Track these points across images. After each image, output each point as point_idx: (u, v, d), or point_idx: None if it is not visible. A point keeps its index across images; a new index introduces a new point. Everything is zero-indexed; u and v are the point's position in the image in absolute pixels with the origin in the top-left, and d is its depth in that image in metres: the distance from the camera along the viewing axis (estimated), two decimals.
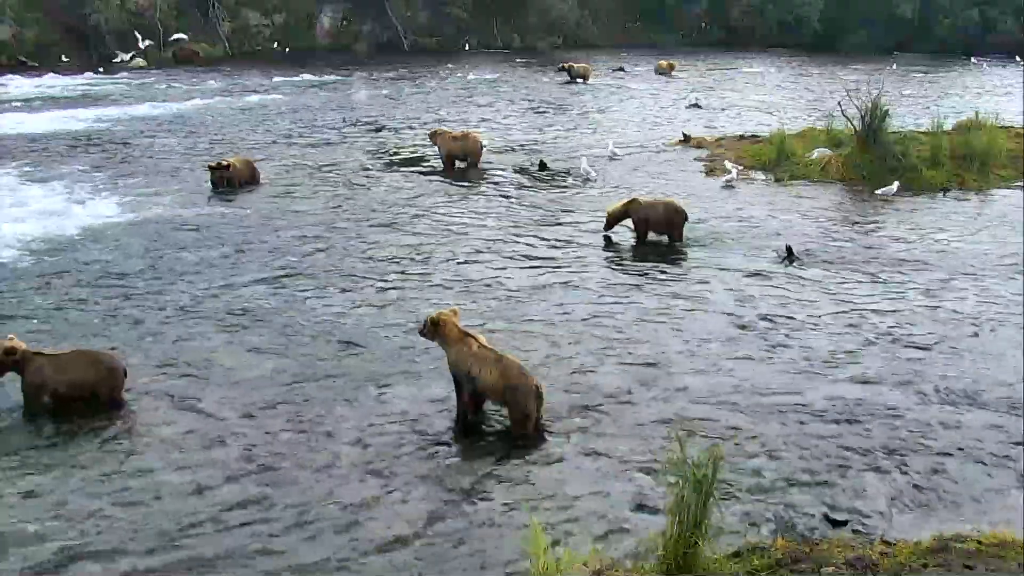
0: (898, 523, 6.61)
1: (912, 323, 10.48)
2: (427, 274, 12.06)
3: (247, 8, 45.80)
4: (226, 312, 10.65)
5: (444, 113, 26.58)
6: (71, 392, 8.17)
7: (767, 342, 9.91)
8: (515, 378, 7.81)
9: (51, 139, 21.44)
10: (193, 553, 6.21)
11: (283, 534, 6.44)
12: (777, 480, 7.17)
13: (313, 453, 7.54)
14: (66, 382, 8.13)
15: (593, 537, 6.35)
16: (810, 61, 44.56)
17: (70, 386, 8.15)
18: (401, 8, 48.88)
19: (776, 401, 8.52)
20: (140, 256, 12.73)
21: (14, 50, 38.42)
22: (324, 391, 8.63)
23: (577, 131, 23.76)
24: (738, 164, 18.24)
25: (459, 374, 8.08)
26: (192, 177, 17.53)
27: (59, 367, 8.14)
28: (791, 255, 12.77)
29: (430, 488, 7.05)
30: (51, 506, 6.74)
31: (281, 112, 26.59)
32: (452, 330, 8.18)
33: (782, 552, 5.74)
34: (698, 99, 29.09)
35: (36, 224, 14.12)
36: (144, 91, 30.92)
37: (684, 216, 13.58)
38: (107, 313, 10.58)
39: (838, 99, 18.58)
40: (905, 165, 17.47)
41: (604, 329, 10.21)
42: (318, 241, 13.50)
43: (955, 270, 12.43)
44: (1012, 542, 5.86)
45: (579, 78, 35.05)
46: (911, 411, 8.35)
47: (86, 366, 8.23)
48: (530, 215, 15.22)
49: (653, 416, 8.18)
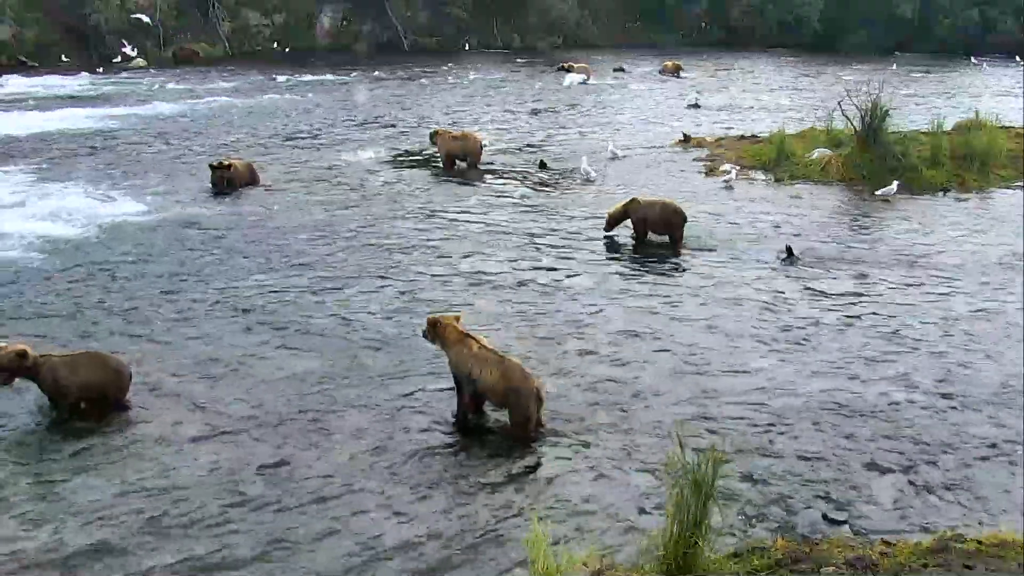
0: (898, 523, 6.62)
1: (912, 322, 10.48)
2: (428, 274, 12.05)
3: (247, 8, 45.77)
4: (236, 311, 10.66)
5: (444, 113, 26.57)
6: (82, 394, 8.14)
7: (766, 342, 9.91)
8: (516, 380, 7.80)
9: (52, 139, 21.42)
10: (195, 554, 6.22)
11: (285, 535, 6.45)
12: (778, 480, 7.17)
13: (318, 454, 7.55)
14: (78, 384, 8.09)
15: (593, 537, 6.35)
16: (810, 61, 44.54)
17: (81, 388, 8.12)
18: (401, 8, 48.86)
19: (777, 401, 8.52)
20: (149, 256, 12.72)
21: (14, 50, 38.38)
22: (332, 391, 8.64)
23: (577, 131, 23.75)
24: (738, 164, 18.24)
25: (460, 375, 8.08)
26: (193, 177, 17.50)
27: (72, 369, 8.09)
28: (791, 255, 12.77)
29: (430, 488, 7.06)
30: (62, 507, 6.76)
31: (281, 112, 26.56)
32: (451, 331, 8.18)
33: (782, 552, 5.74)
34: (698, 99, 29.08)
35: (42, 224, 14.09)
36: (144, 91, 30.89)
37: (683, 216, 13.57)
38: (116, 313, 10.58)
39: (838, 99, 18.58)
40: (905, 165, 17.46)
41: (604, 328, 10.22)
42: (321, 241, 13.49)
43: (955, 270, 12.44)
44: (1012, 542, 5.85)
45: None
46: (912, 411, 8.35)
47: (96, 368, 8.21)
48: (530, 215, 15.21)
49: (653, 416, 8.18)
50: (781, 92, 32.75)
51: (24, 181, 17.15)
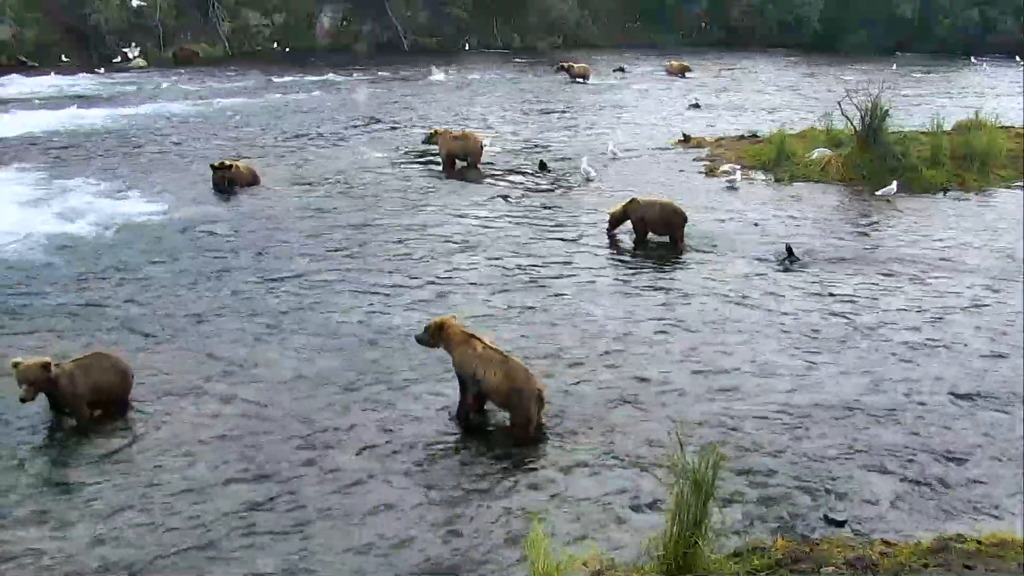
0: (898, 523, 6.62)
1: (912, 322, 10.48)
2: (429, 274, 12.05)
3: (247, 8, 45.77)
4: (242, 312, 10.65)
5: (444, 113, 26.56)
6: (94, 396, 8.06)
7: (766, 342, 9.92)
8: (519, 381, 7.82)
9: (52, 140, 21.42)
10: (192, 553, 6.24)
11: (286, 535, 6.46)
12: (778, 479, 7.17)
13: (320, 453, 7.55)
14: (90, 386, 8.02)
15: (593, 537, 6.36)
16: (810, 61, 44.55)
17: (93, 390, 8.05)
18: (401, 8, 48.86)
19: (777, 400, 8.52)
20: (153, 256, 12.71)
21: (14, 50, 38.39)
22: (336, 391, 8.66)
23: (577, 131, 23.74)
24: (738, 164, 18.23)
25: (464, 375, 8.09)
26: (194, 178, 17.50)
27: (85, 372, 8.01)
28: (791, 255, 12.77)
29: (430, 489, 7.06)
30: (68, 504, 6.79)
31: (281, 112, 26.56)
32: (456, 332, 8.21)
33: (782, 552, 5.74)
34: (698, 99, 29.09)
35: (43, 225, 14.08)
36: (144, 92, 30.90)
37: (683, 217, 13.56)
38: (124, 313, 10.57)
39: (838, 99, 18.58)
40: (905, 165, 17.46)
41: (604, 328, 10.22)
42: (323, 242, 13.49)
43: (955, 270, 12.44)
44: (1012, 542, 5.86)
45: (579, 78, 35.03)
46: (912, 410, 8.36)
47: (106, 369, 8.17)
48: (530, 215, 15.21)
49: (654, 416, 8.18)
50: (781, 92, 32.75)
51: (24, 181, 17.14)
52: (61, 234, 13.66)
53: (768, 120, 24.20)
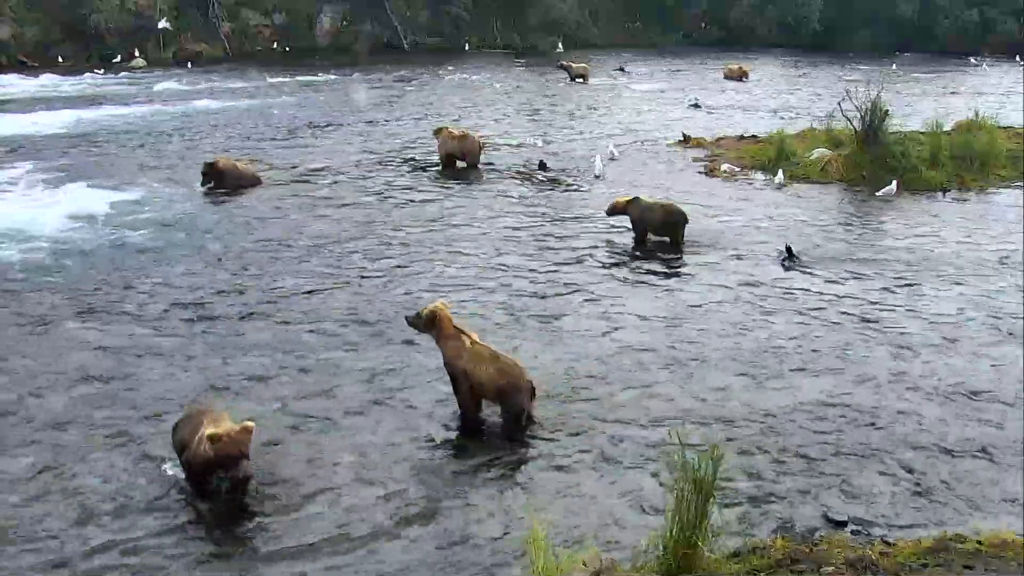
0: (898, 523, 6.61)
1: (912, 322, 10.48)
2: (428, 274, 12.05)
3: (247, 8, 45.76)
4: (239, 312, 10.64)
5: (444, 113, 26.56)
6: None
7: (766, 342, 9.91)
8: (510, 376, 7.80)
9: (51, 140, 21.41)
10: (189, 552, 6.23)
11: (286, 534, 6.45)
12: (778, 480, 7.17)
13: (320, 452, 7.53)
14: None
15: (593, 537, 6.35)
16: (810, 61, 44.55)
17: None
18: (401, 8, 48.87)
19: (777, 400, 8.52)
20: (153, 256, 12.68)
21: (14, 50, 38.40)
22: (334, 390, 8.63)
23: (577, 131, 23.74)
24: (738, 164, 18.25)
25: (454, 371, 8.04)
26: (192, 178, 17.45)
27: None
28: (791, 255, 12.77)
29: (430, 488, 7.05)
30: (60, 499, 6.77)
31: (281, 112, 26.56)
32: (447, 325, 8.13)
33: (782, 552, 5.73)
34: (698, 99, 29.10)
35: (47, 225, 14.06)
36: (144, 92, 30.90)
37: (683, 218, 13.55)
38: (121, 314, 10.53)
39: (838, 99, 18.58)
40: (905, 165, 17.46)
41: (604, 328, 10.21)
42: (322, 242, 13.46)
43: (955, 270, 12.44)
44: (1012, 542, 5.86)
45: (579, 78, 35.05)
46: (912, 410, 8.35)
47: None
48: (529, 215, 15.20)
49: (654, 416, 8.18)
50: (781, 92, 32.75)
51: (24, 181, 17.12)
52: (61, 234, 13.63)
53: (768, 120, 24.21)
